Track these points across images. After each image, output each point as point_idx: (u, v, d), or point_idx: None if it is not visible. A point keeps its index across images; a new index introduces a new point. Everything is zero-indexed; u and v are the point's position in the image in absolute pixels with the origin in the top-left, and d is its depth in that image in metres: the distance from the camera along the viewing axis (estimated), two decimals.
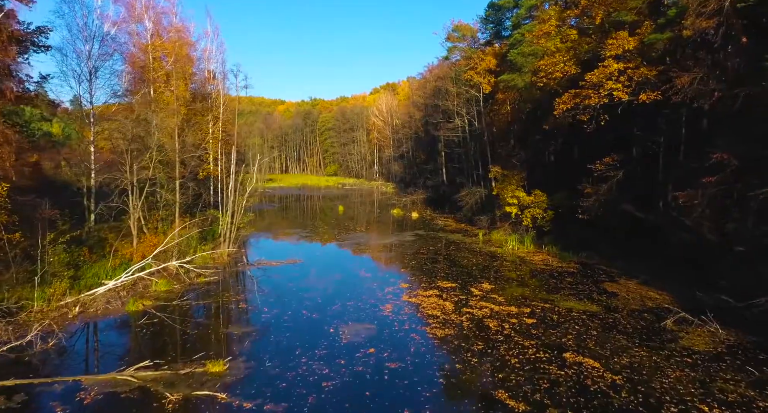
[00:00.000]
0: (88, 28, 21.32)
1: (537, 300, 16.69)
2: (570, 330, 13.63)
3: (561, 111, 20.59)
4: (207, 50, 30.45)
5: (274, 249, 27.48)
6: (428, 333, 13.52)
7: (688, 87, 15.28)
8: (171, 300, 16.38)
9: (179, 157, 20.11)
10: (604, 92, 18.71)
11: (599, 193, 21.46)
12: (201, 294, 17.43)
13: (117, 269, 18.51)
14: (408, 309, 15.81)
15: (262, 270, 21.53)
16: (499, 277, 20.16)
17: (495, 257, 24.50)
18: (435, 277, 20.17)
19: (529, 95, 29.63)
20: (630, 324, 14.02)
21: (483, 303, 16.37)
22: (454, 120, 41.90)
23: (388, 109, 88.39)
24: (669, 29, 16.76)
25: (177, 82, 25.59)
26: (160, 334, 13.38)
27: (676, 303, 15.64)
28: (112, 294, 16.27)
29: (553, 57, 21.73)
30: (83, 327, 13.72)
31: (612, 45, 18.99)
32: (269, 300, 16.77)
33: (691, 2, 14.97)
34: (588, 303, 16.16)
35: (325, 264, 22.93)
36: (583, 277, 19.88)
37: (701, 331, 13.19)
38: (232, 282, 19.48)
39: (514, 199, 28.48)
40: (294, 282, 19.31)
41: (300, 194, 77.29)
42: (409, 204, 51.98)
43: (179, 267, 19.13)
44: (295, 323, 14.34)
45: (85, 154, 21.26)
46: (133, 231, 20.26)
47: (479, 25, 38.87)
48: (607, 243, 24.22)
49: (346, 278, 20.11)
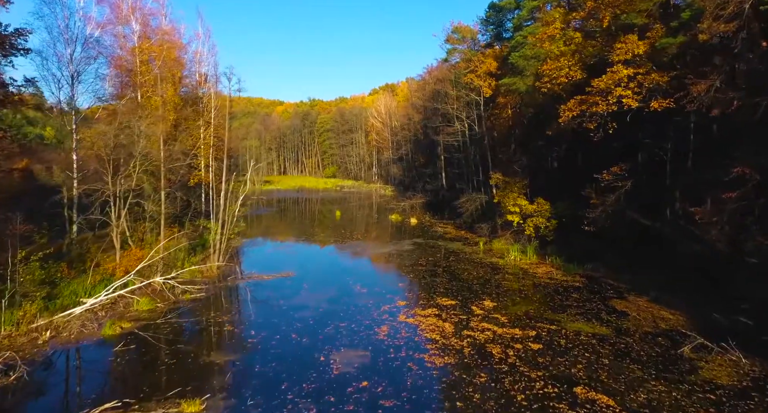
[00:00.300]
0: (69, 31, 20.30)
1: (542, 320, 15.68)
2: (579, 357, 12.62)
3: (566, 118, 19.60)
4: (198, 53, 29.47)
5: (267, 261, 26.42)
6: (426, 361, 12.51)
7: (705, 95, 14.30)
8: (153, 321, 15.35)
9: (165, 166, 19.06)
10: (612, 99, 17.70)
11: (606, 204, 20.47)
12: (185, 314, 16.40)
13: (97, 286, 17.49)
14: (405, 331, 14.78)
15: (253, 285, 20.50)
16: (502, 293, 19.15)
17: (496, 269, 23.50)
18: (434, 293, 19.16)
19: (532, 99, 28.66)
20: (644, 351, 13.01)
21: (485, 324, 15.36)
22: (454, 124, 40.92)
23: (387, 111, 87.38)
24: (683, 33, 15.79)
25: (165, 86, 24.57)
26: (136, 363, 12.35)
27: (692, 326, 14.63)
28: (90, 315, 15.23)
29: (558, 61, 20.74)
30: (52, 356, 12.66)
31: (620, 49, 17.99)
32: (257, 321, 15.74)
33: (707, 4, 13.97)
34: (597, 325, 15.15)
35: (319, 278, 21.90)
36: (589, 293, 18.87)
37: (722, 360, 12.19)
38: (219, 300, 18.44)
39: (516, 207, 27.49)
40: (285, 300, 18.28)
41: (297, 197, 76.28)
42: (408, 209, 50.99)
43: (164, 284, 18.09)
44: (283, 349, 13.32)
45: (66, 162, 20.21)
46: (116, 245, 19.21)
47: (479, 27, 37.95)
48: (613, 253, 23.23)
49: (341, 294, 19.08)
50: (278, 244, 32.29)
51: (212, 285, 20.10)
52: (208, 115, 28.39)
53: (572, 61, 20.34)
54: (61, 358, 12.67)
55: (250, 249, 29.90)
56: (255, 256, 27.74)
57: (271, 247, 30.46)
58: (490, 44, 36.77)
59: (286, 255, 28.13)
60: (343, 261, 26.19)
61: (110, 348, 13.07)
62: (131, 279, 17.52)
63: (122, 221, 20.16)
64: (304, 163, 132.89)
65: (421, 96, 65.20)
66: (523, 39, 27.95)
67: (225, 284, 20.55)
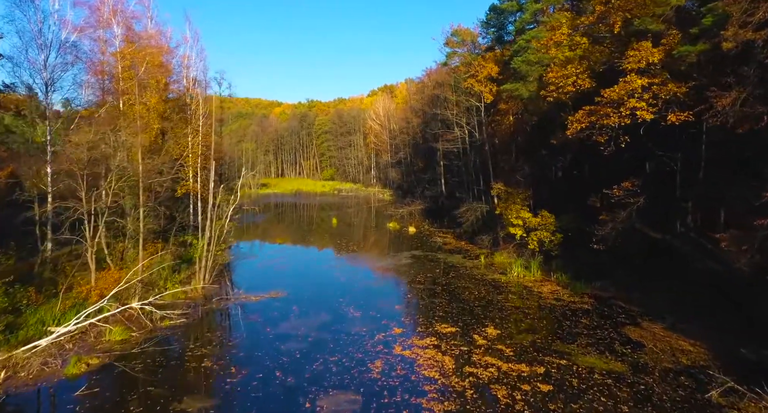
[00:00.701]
0: (43, 35, 18.94)
1: (551, 352, 14.38)
2: (595, 403, 11.31)
3: (574, 130, 18.29)
4: (186, 57, 28.11)
5: (257, 277, 25.01)
6: (424, 407, 11.19)
7: (730, 108, 13.02)
8: (125, 354, 14.01)
9: (145, 182, 17.71)
10: (625, 111, 16.39)
11: (617, 221, 19.18)
12: (162, 344, 15.04)
13: (68, 312, 16.15)
14: (401, 367, 13.46)
15: (240, 308, 19.16)
16: (505, 317, 17.84)
17: (499, 287, 22.20)
18: (433, 317, 17.85)
19: (535, 106, 27.39)
20: (667, 395, 11.70)
21: (488, 357, 14.05)
22: (454, 130, 39.64)
23: (386, 113, 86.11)
24: (703, 40, 14.52)
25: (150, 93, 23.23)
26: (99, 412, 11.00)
27: (717, 361, 13.33)
28: (55, 348, 13.85)
29: (565, 68, 19.43)
30: (1, 404, 11.30)
31: (633, 57, 16.70)
32: (239, 355, 14.39)
33: (733, 10, 12.69)
34: (611, 360, 13.84)
35: (310, 298, 20.55)
36: (600, 318, 17.58)
37: (757, 408, 10.88)
38: (201, 327, 17.07)
39: (519, 220, 26.20)
40: (272, 326, 16.94)
41: (294, 202, 74.96)
42: (407, 216, 49.73)
43: (141, 309, 16.73)
44: (266, 392, 11.98)
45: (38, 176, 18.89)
46: (91, 266, 17.86)
47: (480, 30, 36.66)
48: (622, 270, 21.98)
49: (332, 319, 17.73)
50: (270, 257, 30.92)
51: (196, 308, 18.75)
52: (197, 123, 27.05)
53: (580, 69, 19.04)
54: (10, 406, 11.27)
55: (240, 263, 28.53)
56: (244, 272, 26.36)
57: (262, 261, 29.06)
58: (491, 47, 35.47)
59: (278, 270, 26.75)
60: (337, 277, 24.83)
61: (71, 392, 11.71)
62: (105, 305, 16.16)
63: (100, 239, 18.82)
64: (302, 165, 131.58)
65: (419, 99, 63.99)
66: (526, 43, 26.67)
67: (209, 306, 19.19)
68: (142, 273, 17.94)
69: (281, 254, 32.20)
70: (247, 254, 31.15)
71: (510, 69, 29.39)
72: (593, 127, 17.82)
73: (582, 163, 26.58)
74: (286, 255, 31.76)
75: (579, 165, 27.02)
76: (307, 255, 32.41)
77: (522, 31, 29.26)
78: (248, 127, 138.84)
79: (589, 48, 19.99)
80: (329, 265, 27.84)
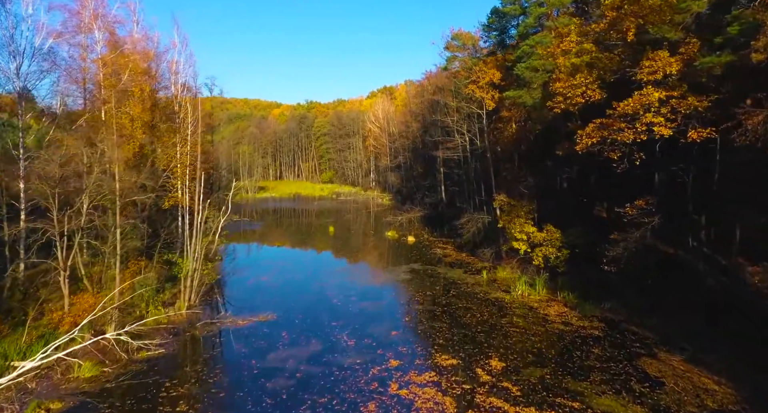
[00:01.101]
0: (15, 42, 17.68)
1: (562, 392, 13.10)
2: None
3: (585, 146, 17.00)
4: (174, 62, 26.84)
5: (246, 297, 23.54)
6: None
7: (761, 127, 11.77)
8: (93, 393, 12.77)
9: (122, 201, 16.44)
10: (641, 127, 15.11)
11: (629, 240, 17.92)
12: (134, 382, 13.76)
13: (35, 344, 14.85)
14: (397, 411, 12.18)
15: (225, 335, 17.88)
16: (511, 346, 16.56)
17: (503, 309, 20.93)
18: (432, 346, 16.58)
19: (540, 115, 26.09)
20: None
21: (493, 398, 12.79)
22: (454, 137, 38.37)
23: (385, 116, 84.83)
24: (729, 50, 13.27)
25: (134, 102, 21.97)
26: None
27: (746, 406, 12.06)
28: (15, 388, 12.57)
29: (573, 78, 18.16)
30: None
31: (648, 67, 15.43)
32: (218, 396, 13.10)
33: (765, 18, 11.44)
34: (629, 402, 12.55)
35: (301, 323, 19.24)
36: (613, 347, 16.29)
37: None
38: (180, 359, 15.76)
39: (523, 234, 24.92)
40: (258, 358, 15.63)
41: (292, 207, 73.71)
42: (406, 223, 48.40)
43: (116, 339, 15.41)
44: None
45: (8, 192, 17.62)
46: (64, 291, 16.57)
47: (481, 33, 35.32)
48: (632, 289, 20.74)
49: (324, 349, 16.43)
50: (262, 271, 29.58)
51: (177, 335, 17.47)
52: (185, 131, 25.79)
53: (590, 79, 17.76)
54: None
55: (230, 279, 27.17)
56: (234, 290, 25.00)
57: (253, 277, 27.67)
58: (493, 51, 34.17)
59: (269, 288, 25.40)
60: (331, 297, 23.41)
61: None
62: (76, 335, 14.83)
63: (76, 260, 17.54)
64: (301, 167, 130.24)
65: (419, 103, 62.75)
66: (530, 49, 25.41)
67: (193, 333, 17.88)
68: (120, 298, 16.63)
69: (274, 268, 30.87)
70: (238, 269, 29.79)
71: (512, 75, 28.13)
72: (604, 142, 16.54)
73: (589, 174, 25.32)
74: (279, 269, 30.43)
75: (586, 177, 25.76)
76: (302, 269, 31.08)
77: (526, 36, 27.97)
78: (246, 129, 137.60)
79: (597, 55, 18.75)
80: (323, 282, 26.48)
